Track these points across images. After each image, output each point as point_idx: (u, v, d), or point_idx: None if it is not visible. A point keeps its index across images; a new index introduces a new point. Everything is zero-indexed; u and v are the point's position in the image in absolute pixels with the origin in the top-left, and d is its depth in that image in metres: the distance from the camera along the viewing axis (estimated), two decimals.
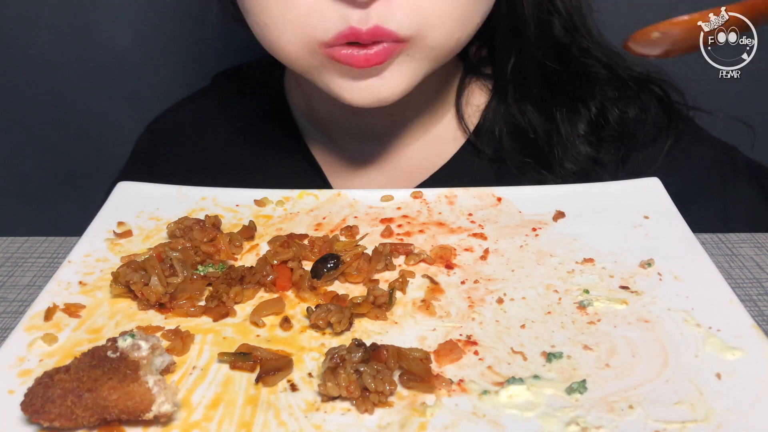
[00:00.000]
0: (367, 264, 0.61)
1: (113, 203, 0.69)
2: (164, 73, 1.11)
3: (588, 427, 0.45)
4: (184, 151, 0.90)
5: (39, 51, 1.09)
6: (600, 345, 0.52)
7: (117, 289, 0.58)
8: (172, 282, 0.58)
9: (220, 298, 0.57)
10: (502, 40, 0.79)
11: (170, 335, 0.54)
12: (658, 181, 0.70)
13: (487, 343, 0.53)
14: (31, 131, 1.15)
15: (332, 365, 0.49)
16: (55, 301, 0.56)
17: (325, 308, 0.55)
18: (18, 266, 0.69)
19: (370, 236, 0.65)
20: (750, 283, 0.65)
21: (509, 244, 0.64)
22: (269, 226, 0.67)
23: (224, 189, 0.71)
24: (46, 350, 0.52)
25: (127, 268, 0.58)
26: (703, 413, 0.46)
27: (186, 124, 0.93)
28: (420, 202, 0.70)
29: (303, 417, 0.47)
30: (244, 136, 0.89)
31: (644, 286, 0.58)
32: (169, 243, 0.63)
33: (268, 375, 0.50)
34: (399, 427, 0.46)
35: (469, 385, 0.49)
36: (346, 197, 0.71)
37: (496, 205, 0.69)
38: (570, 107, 0.79)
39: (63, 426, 0.45)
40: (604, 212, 0.67)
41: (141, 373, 0.46)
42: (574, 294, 0.58)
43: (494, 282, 0.59)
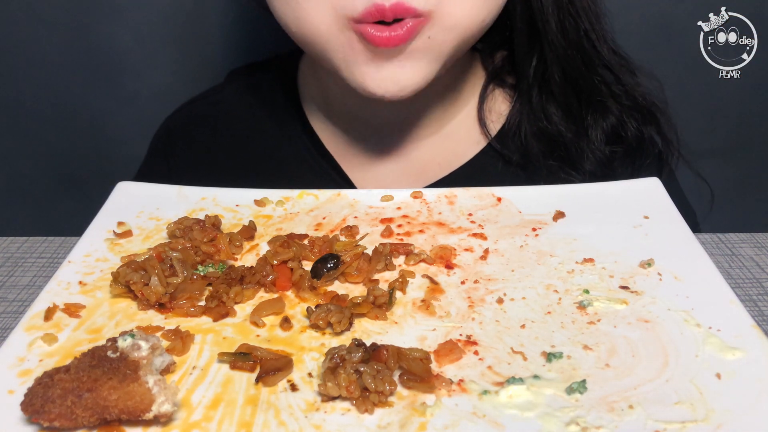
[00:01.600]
0: (367, 264, 0.61)
1: (113, 203, 0.69)
2: (164, 73, 1.10)
3: (588, 427, 0.45)
4: (199, 145, 0.91)
5: (39, 51, 1.09)
6: (600, 345, 0.52)
7: (117, 289, 0.58)
8: (172, 282, 0.58)
9: (220, 298, 0.57)
10: (521, 42, 0.80)
11: (170, 335, 0.53)
12: (658, 181, 0.70)
13: (487, 343, 0.53)
14: (31, 131, 1.15)
15: (332, 365, 0.49)
16: (55, 301, 0.56)
17: (325, 308, 0.55)
18: (18, 266, 0.69)
19: (370, 236, 0.65)
20: (750, 283, 0.65)
21: (509, 244, 0.64)
22: (269, 226, 0.67)
23: (224, 189, 0.71)
24: (46, 350, 0.52)
25: (127, 268, 0.58)
26: (703, 413, 0.46)
27: (201, 119, 0.94)
28: (420, 202, 0.70)
29: (303, 417, 0.47)
30: (259, 130, 0.89)
31: (644, 286, 0.58)
32: (169, 243, 0.63)
33: (268, 375, 0.50)
34: (399, 427, 0.46)
35: (469, 385, 0.49)
36: (346, 197, 0.71)
37: (496, 205, 0.69)
38: (596, 112, 0.80)
39: (63, 426, 0.45)
40: (604, 212, 0.67)
41: (141, 373, 0.46)
42: (574, 294, 0.58)
43: (494, 282, 0.59)
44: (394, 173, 0.84)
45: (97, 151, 1.15)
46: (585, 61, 0.79)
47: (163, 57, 1.10)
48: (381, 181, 0.83)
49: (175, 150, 0.92)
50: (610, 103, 0.80)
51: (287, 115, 0.88)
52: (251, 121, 0.90)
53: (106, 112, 1.13)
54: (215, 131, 0.91)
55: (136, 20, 1.08)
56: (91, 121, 1.14)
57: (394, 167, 0.84)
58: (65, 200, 1.17)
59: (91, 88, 1.11)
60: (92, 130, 1.14)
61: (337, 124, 0.86)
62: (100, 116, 1.13)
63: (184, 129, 0.93)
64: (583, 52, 0.79)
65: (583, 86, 0.80)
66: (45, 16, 1.07)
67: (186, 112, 0.95)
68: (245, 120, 0.90)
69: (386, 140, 0.84)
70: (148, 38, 1.09)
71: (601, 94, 0.80)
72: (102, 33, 1.08)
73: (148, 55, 1.10)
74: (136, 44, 1.09)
